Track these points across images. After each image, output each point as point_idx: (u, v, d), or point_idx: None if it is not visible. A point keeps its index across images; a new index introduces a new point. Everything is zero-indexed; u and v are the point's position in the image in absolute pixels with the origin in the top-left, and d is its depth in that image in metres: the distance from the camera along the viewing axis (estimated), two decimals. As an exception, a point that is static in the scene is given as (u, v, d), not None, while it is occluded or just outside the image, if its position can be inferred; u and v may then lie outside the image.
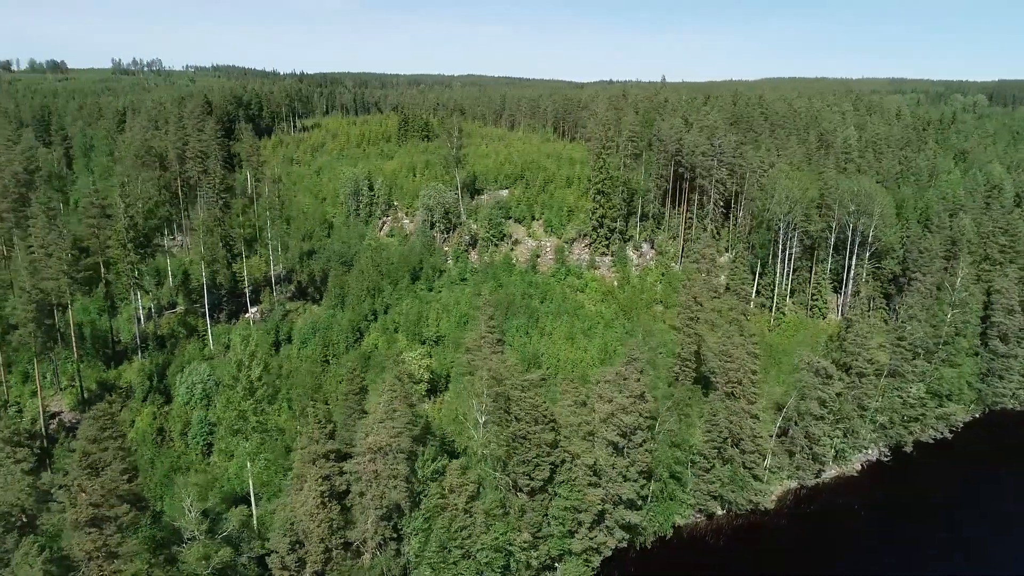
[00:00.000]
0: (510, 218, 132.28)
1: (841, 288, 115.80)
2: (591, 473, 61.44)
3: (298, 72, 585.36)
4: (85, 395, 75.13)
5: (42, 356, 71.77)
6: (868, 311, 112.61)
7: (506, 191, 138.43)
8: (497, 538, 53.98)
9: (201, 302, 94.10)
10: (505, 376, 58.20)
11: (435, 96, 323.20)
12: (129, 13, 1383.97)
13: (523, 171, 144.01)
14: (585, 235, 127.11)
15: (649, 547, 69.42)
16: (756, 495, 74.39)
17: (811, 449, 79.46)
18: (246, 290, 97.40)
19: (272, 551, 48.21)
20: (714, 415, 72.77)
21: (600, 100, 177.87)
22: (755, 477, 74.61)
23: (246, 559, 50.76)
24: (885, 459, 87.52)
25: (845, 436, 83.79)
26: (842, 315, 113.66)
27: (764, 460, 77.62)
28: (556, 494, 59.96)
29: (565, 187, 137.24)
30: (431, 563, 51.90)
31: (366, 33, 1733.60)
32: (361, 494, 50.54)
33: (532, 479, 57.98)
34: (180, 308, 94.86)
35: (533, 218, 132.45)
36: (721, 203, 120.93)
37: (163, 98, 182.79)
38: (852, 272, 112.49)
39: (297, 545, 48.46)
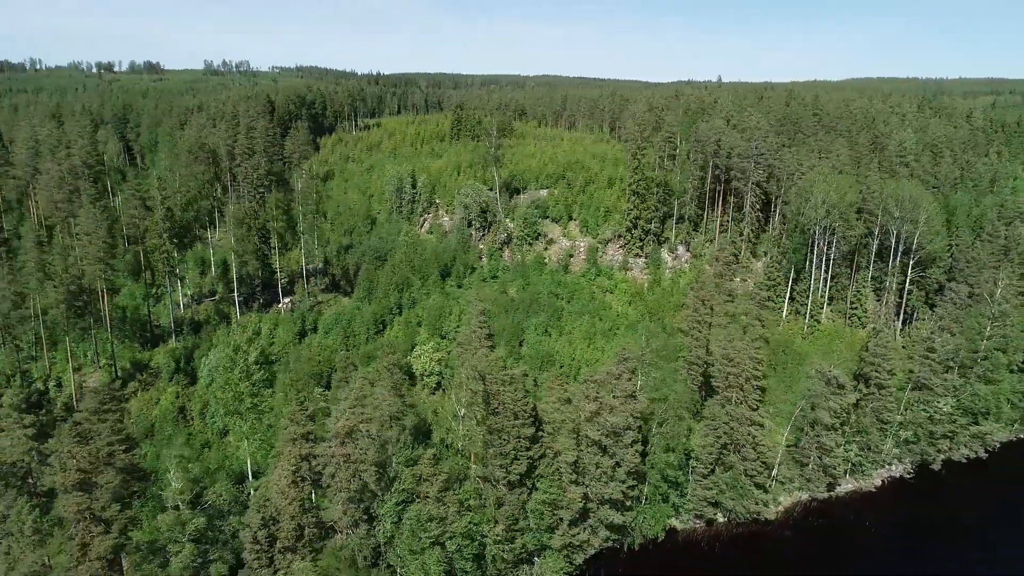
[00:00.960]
0: (547, 217, 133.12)
1: (883, 297, 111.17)
2: (572, 470, 61.93)
3: (374, 72, 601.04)
4: (119, 373, 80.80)
5: (74, 335, 77.67)
6: (910, 321, 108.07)
7: (545, 191, 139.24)
8: (468, 526, 55.26)
9: (239, 291, 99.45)
10: (486, 371, 59.39)
11: (499, 96, 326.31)
12: (221, 17, 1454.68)
13: (565, 171, 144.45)
14: (620, 236, 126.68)
15: (639, 549, 69.30)
16: (757, 504, 72.88)
17: (821, 460, 77.11)
18: (279, 281, 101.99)
19: (245, 525, 51.09)
20: (713, 419, 71.76)
21: (639, 100, 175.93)
22: (757, 485, 73.14)
23: (232, 531, 54.01)
24: (908, 476, 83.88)
25: (862, 449, 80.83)
26: (884, 325, 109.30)
27: (770, 469, 76.05)
28: (535, 488, 60.79)
29: (606, 188, 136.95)
30: (400, 547, 53.71)
31: (445, 34, 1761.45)
32: (332, 476, 52.89)
33: (509, 472, 59.00)
34: (218, 296, 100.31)
35: (570, 218, 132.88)
36: (758, 206, 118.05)
37: (229, 98, 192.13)
38: (894, 280, 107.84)
39: (271, 521, 51.17)
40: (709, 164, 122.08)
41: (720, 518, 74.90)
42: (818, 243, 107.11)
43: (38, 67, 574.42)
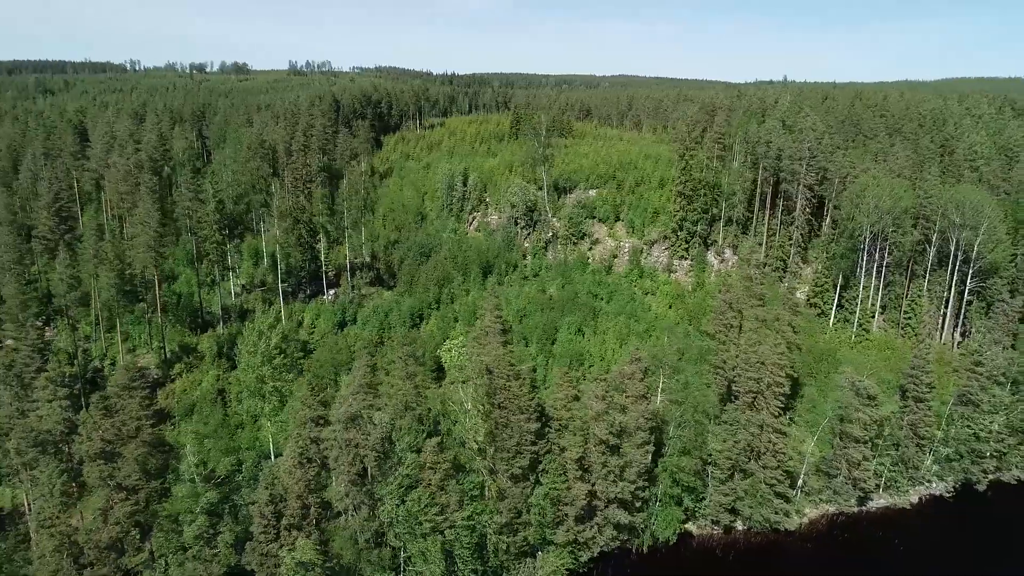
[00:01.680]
0: (594, 217, 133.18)
1: (939, 307, 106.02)
2: (578, 467, 62.35)
3: (448, 73, 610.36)
4: (167, 355, 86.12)
5: (130, 319, 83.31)
6: (968, 334, 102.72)
7: (595, 191, 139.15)
8: (470, 516, 56.60)
9: (288, 281, 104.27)
10: (493, 364, 60.55)
11: (566, 96, 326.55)
12: (304, 20, 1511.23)
13: (616, 171, 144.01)
14: (666, 238, 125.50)
15: (649, 551, 68.93)
16: (777, 513, 71.25)
17: (850, 474, 74.63)
18: (325, 273, 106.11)
19: (253, 501, 54.00)
20: (731, 424, 70.61)
21: (697, 100, 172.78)
22: (778, 494, 71.43)
23: (244, 506, 57.23)
24: (948, 496, 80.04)
25: (896, 464, 77.70)
26: (943, 336, 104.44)
27: (793, 478, 74.21)
28: (539, 483, 61.57)
29: (656, 189, 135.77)
30: (400, 531, 55.57)
31: (522, 34, 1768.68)
32: (336, 459, 55.24)
33: (511, 466, 59.99)
34: (267, 286, 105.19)
35: (617, 219, 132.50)
36: (808, 210, 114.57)
37: (298, 96, 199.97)
38: (952, 291, 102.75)
39: (278, 499, 53.89)
40: (759, 166, 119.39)
41: (739, 526, 73.64)
42: (868, 249, 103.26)
43: (137, 68, 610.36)
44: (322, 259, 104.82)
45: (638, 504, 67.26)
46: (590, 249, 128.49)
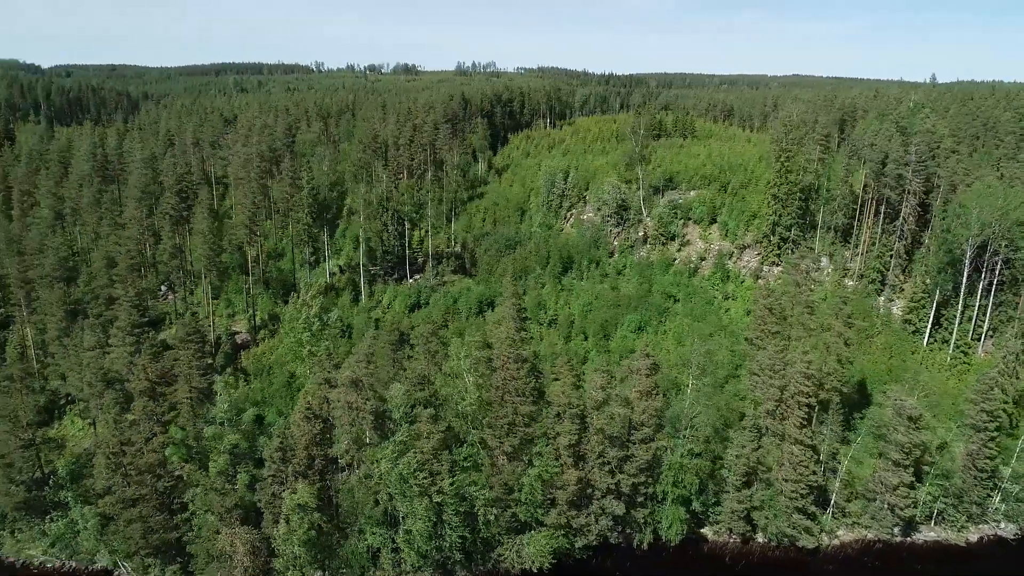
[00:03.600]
0: (689, 219, 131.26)
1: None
2: (571, 454, 64.12)
3: (607, 73, 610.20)
4: (257, 322, 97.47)
5: (234, 288, 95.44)
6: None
7: (695, 192, 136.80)
8: (456, 484, 60.57)
9: (381, 265, 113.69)
10: (495, 344, 63.88)
11: (710, 96, 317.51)
12: (474, 22, 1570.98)
13: (722, 172, 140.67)
14: (759, 242, 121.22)
15: (652, 548, 68.93)
16: (794, 529, 68.39)
17: (888, 498, 69.74)
18: (412, 259, 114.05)
19: (265, 447, 61.46)
20: (750, 431, 68.59)
21: (827, 102, 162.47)
22: (799, 510, 68.46)
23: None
24: (1014, 539, 72.21)
25: (948, 496, 71.28)
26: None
27: (821, 495, 70.76)
28: (532, 463, 64.12)
29: (762, 191, 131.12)
30: (392, 491, 60.61)
31: (690, 33, 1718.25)
32: (339, 418, 61.32)
33: (502, 443, 63.08)
34: (360, 268, 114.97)
35: (713, 221, 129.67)
36: (912, 218, 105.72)
37: (431, 96, 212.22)
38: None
39: (288, 451, 60.97)
40: (863, 170, 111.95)
41: (760, 538, 71.46)
42: (975, 264, 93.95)
43: (321, 69, 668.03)
44: (407, 246, 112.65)
45: (640, 499, 67.71)
46: (679, 250, 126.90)
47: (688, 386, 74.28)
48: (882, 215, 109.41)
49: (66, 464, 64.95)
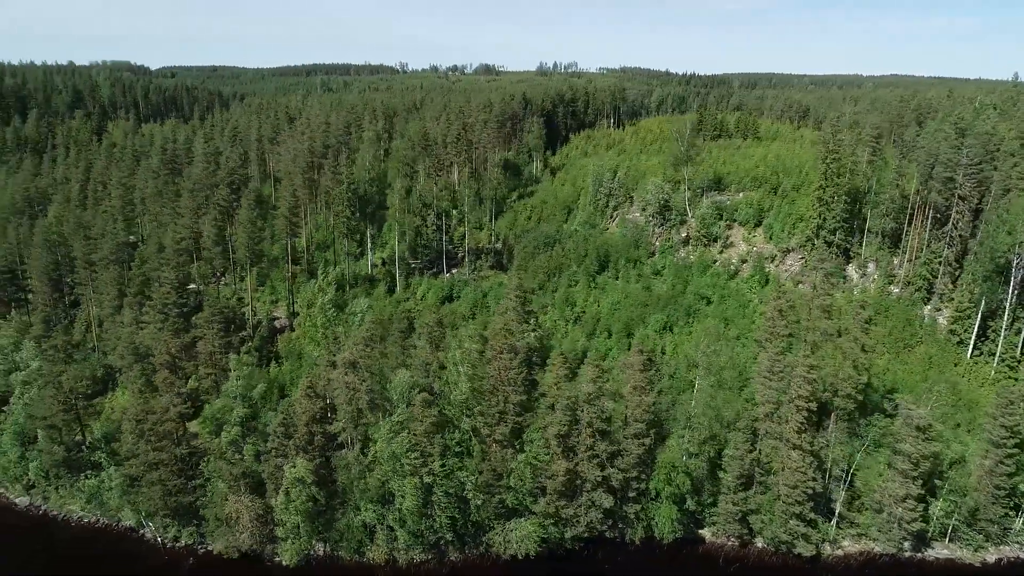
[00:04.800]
0: (734, 220, 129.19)
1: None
2: (560, 444, 65.38)
3: (689, 73, 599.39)
4: (295, 309, 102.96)
5: (277, 275, 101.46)
6: None
7: (743, 193, 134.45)
8: (445, 466, 63.08)
9: (421, 258, 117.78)
10: (490, 337, 65.90)
11: (788, 97, 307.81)
12: (553, 21, 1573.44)
13: (774, 173, 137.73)
14: (803, 246, 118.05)
15: (643, 545, 69.37)
16: (789, 535, 67.27)
17: (894, 510, 67.49)
18: (449, 253, 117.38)
19: (269, 422, 65.73)
20: (746, 433, 67.91)
21: (904, 102, 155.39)
22: (797, 516, 67.24)
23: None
24: (1037, 563, 68.47)
25: (959, 512, 68.20)
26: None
27: (823, 502, 69.29)
28: (521, 452, 65.80)
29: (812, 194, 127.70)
30: (385, 468, 63.70)
31: (779, 32, 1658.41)
32: (338, 398, 64.82)
33: (493, 431, 65.04)
34: (400, 261, 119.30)
35: (758, 223, 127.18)
36: (961, 224, 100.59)
37: (496, 97, 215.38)
38: None
39: (290, 427, 65.03)
40: (913, 174, 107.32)
41: (760, 543, 70.56)
42: (1020, 273, 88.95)
43: (405, 70, 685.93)
44: (443, 241, 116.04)
45: (632, 495, 68.23)
46: (721, 252, 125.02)
47: (695, 386, 74.24)
48: (930, 220, 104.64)
49: (101, 428, 71.43)
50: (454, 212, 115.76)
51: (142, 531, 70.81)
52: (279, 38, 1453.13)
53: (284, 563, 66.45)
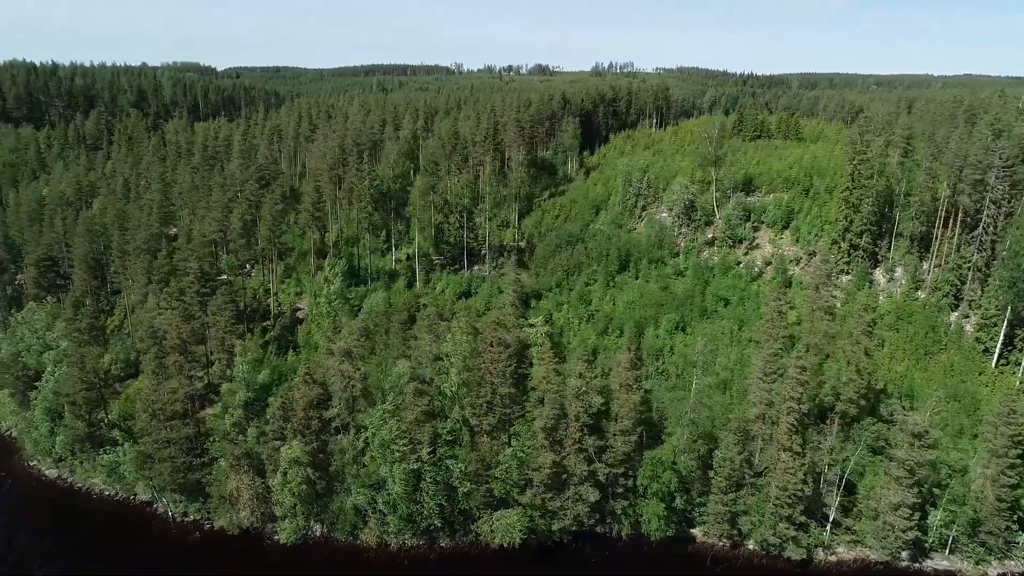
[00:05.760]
0: (762, 222, 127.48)
1: None
2: (546, 437, 66.37)
3: (747, 73, 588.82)
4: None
5: (304, 268, 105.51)
6: None
7: (772, 195, 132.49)
8: (434, 454, 64.91)
9: (443, 254, 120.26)
10: (482, 331, 67.36)
11: (840, 98, 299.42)
12: (611, 20, 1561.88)
13: (805, 175, 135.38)
14: (829, 249, 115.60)
15: (631, 541, 69.73)
16: (778, 537, 66.63)
17: (889, 518, 66.03)
18: (471, 250, 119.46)
19: (269, 406, 68.78)
20: (737, 433, 67.46)
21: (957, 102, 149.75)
22: (786, 519, 66.51)
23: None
24: (1040, 578, 65.95)
25: (959, 523, 66.23)
26: None
27: (816, 506, 68.35)
28: (509, 444, 67.09)
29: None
30: (375, 454, 65.96)
31: (857, 29, 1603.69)
32: (333, 385, 67.37)
33: (481, 422, 66.52)
34: (426, 257, 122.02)
35: (786, 225, 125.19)
36: (993, 228, 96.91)
37: (536, 96, 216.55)
38: None
39: (288, 411, 67.94)
40: (944, 176, 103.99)
41: (751, 545, 70.04)
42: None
43: (461, 70, 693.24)
44: (465, 238, 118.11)
45: (619, 490, 68.70)
46: (746, 254, 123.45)
47: (693, 386, 74.25)
48: (959, 224, 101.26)
49: (120, 408, 75.94)
50: (475, 210, 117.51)
51: (155, 505, 75.04)
52: (341, 40, 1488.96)
53: (282, 541, 69.52)
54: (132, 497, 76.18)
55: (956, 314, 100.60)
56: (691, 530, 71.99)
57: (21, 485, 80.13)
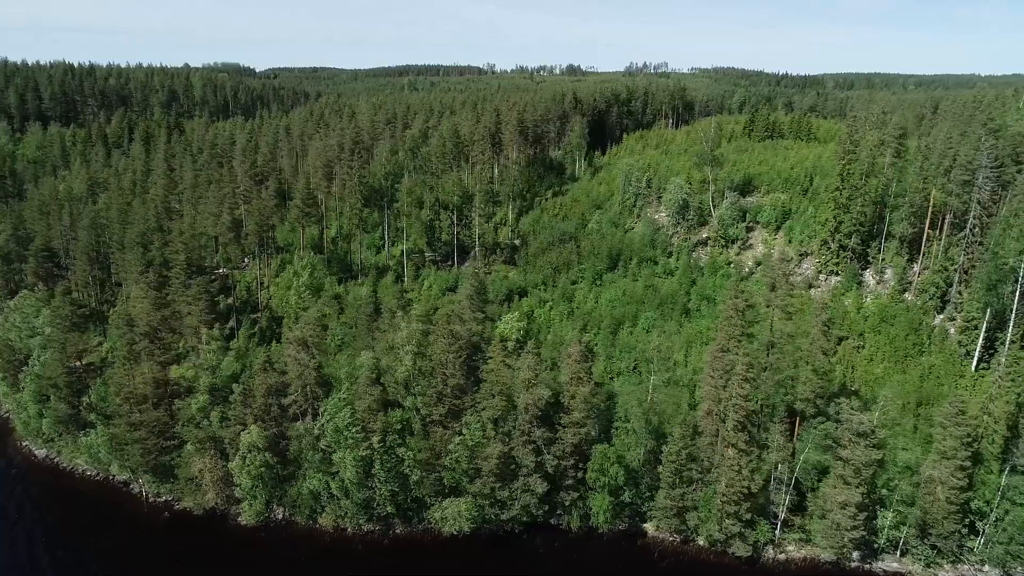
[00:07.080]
0: (757, 222, 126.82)
1: None
2: (494, 428, 67.76)
3: (781, 73, 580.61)
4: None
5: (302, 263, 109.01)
6: None
7: (770, 195, 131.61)
8: (384, 440, 66.85)
9: (436, 250, 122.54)
10: (433, 322, 69.11)
11: (869, 98, 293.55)
12: (644, 19, 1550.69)
13: (805, 176, 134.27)
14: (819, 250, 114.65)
15: (582, 533, 70.69)
16: (723, 533, 66.93)
17: (835, 517, 65.79)
18: (459, 247, 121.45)
19: (232, 392, 71.52)
20: (684, 428, 67.86)
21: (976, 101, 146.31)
22: (732, 515, 66.71)
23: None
24: (993, 584, 65.01)
25: (906, 523, 65.64)
26: None
27: (763, 503, 68.50)
28: (460, 434, 68.65)
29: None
30: (328, 440, 68.18)
31: (900, 31, 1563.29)
32: (290, 374, 69.76)
33: (431, 411, 68.24)
34: (417, 254, 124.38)
35: (779, 225, 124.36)
36: (979, 230, 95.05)
37: (546, 95, 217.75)
38: None
39: (249, 396, 70.59)
40: (933, 176, 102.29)
41: (701, 541, 70.36)
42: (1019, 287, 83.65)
43: (494, 70, 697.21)
44: (454, 235, 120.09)
45: (568, 483, 69.70)
46: (738, 254, 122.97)
47: (650, 381, 74.88)
48: (947, 225, 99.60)
49: (97, 390, 79.61)
50: (468, 208, 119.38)
51: (132, 486, 78.56)
52: (383, 41, 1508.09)
53: (244, 523, 72.32)
54: (111, 477, 79.88)
55: (941, 317, 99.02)
56: (643, 524, 72.65)
57: (12, 465, 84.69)
